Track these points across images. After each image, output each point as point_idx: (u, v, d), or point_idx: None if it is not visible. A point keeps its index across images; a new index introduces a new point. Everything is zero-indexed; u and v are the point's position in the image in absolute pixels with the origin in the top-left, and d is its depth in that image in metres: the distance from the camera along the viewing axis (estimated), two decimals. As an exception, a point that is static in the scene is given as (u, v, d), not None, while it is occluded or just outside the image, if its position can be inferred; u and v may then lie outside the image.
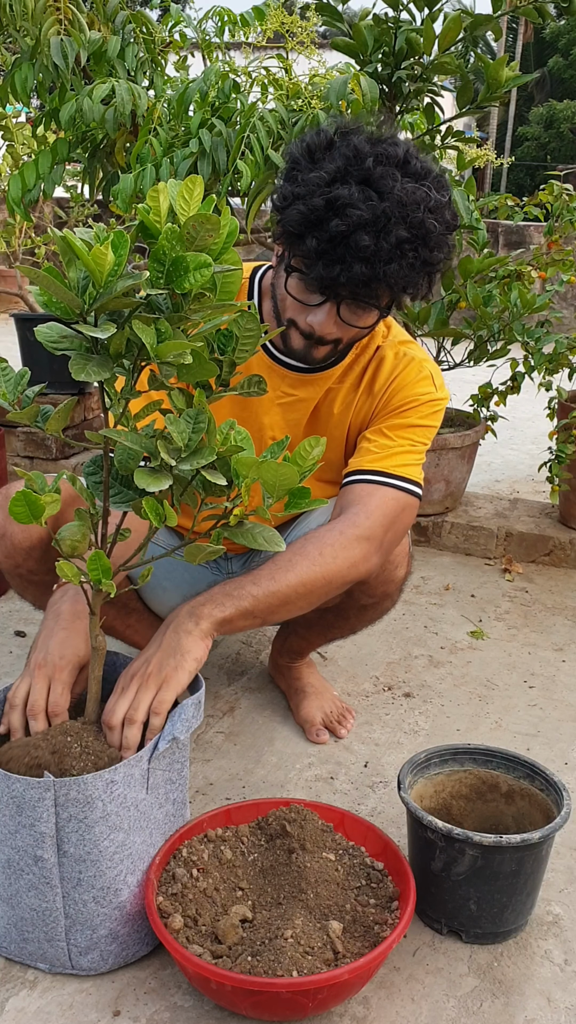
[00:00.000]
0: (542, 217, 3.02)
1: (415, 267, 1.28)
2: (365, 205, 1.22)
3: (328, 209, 1.24)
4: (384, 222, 1.23)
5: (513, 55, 19.59)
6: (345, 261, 1.24)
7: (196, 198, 0.92)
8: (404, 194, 1.24)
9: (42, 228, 4.87)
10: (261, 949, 1.12)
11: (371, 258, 1.24)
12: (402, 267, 1.26)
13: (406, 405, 1.50)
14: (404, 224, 1.24)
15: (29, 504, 1.02)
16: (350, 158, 1.26)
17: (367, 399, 1.53)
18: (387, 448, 1.48)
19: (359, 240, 1.22)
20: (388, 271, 1.25)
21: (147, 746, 1.17)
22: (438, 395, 1.51)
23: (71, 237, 0.90)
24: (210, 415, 1.02)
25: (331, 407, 1.55)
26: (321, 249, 1.25)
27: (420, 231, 1.26)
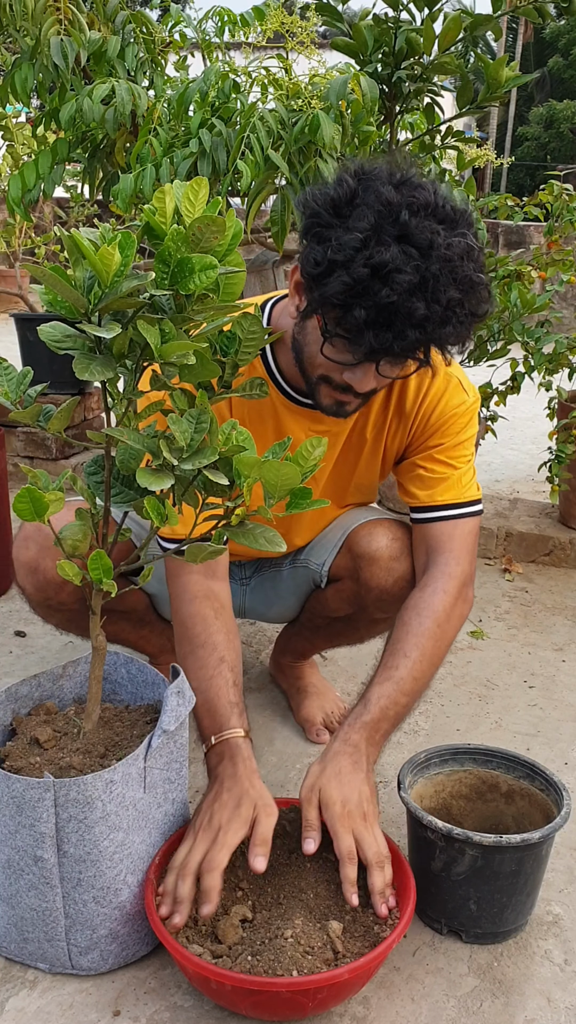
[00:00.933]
0: (542, 217, 3.02)
1: (466, 325, 1.22)
2: (411, 267, 1.14)
3: (374, 277, 1.14)
4: (434, 284, 1.15)
5: (513, 55, 19.60)
6: (395, 327, 1.16)
7: (201, 200, 0.93)
8: (448, 249, 1.16)
9: (42, 228, 4.87)
10: (261, 949, 1.12)
11: (423, 323, 1.17)
12: (455, 328, 1.20)
13: (446, 423, 1.46)
14: (454, 284, 1.16)
15: (33, 501, 1.02)
16: (381, 212, 1.16)
17: (399, 421, 1.48)
18: (448, 474, 1.46)
19: (412, 308, 1.15)
20: (442, 333, 1.19)
21: (142, 744, 1.17)
22: (471, 401, 1.48)
23: (79, 236, 0.90)
24: (213, 415, 1.02)
25: (363, 434, 1.50)
26: (371, 319, 1.17)
27: (468, 287, 1.19)
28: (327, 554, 1.63)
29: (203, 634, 1.36)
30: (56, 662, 1.98)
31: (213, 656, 1.34)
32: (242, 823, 1.19)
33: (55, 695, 1.36)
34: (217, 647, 1.35)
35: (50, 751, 1.21)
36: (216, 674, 1.33)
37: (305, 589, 1.71)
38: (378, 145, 2.40)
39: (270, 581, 1.74)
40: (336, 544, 1.61)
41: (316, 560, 1.65)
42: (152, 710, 1.31)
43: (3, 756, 1.21)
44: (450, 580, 1.41)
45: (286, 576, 1.72)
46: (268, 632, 2.25)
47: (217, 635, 1.36)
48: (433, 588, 1.41)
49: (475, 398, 1.49)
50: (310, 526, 1.63)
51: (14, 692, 1.31)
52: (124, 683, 1.39)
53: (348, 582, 1.59)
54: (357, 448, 1.53)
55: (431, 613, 1.38)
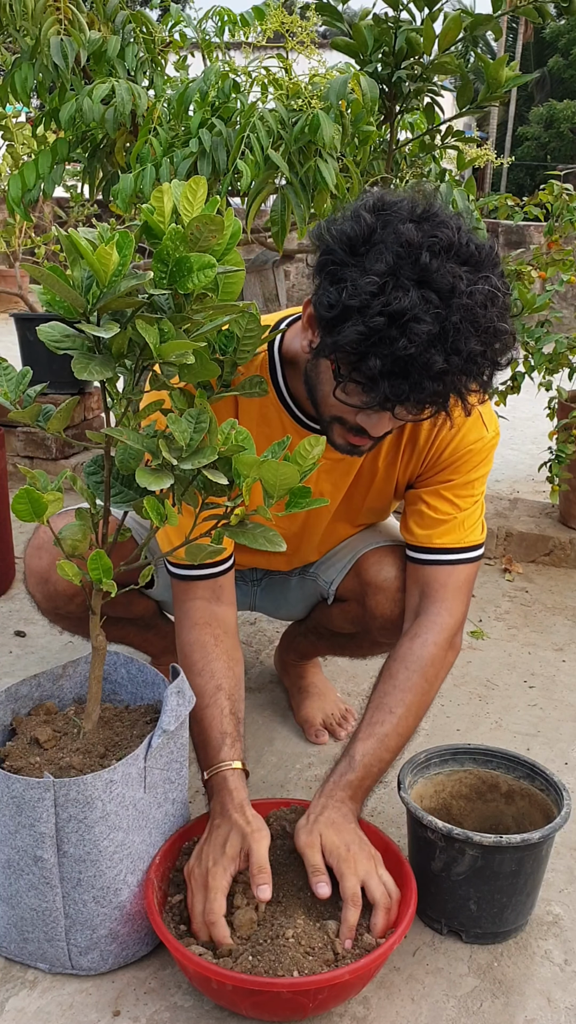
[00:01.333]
0: (542, 217, 3.02)
1: (486, 374, 1.16)
2: (431, 316, 1.07)
3: (390, 326, 1.07)
4: (455, 335, 1.08)
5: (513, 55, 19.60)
6: (412, 379, 1.10)
7: (200, 199, 0.92)
8: (470, 297, 1.09)
9: (42, 228, 4.86)
10: (262, 949, 1.12)
11: (442, 374, 1.10)
12: (475, 379, 1.14)
13: (460, 459, 1.40)
14: (475, 335, 1.10)
15: (32, 502, 1.02)
16: (400, 253, 1.08)
17: (412, 452, 1.42)
18: (452, 515, 1.40)
19: (430, 360, 1.08)
20: (460, 383, 1.13)
21: (142, 744, 1.17)
22: (489, 437, 1.40)
23: (76, 236, 0.90)
24: (212, 415, 1.02)
25: (375, 463, 1.45)
26: (386, 370, 1.10)
27: (491, 336, 1.12)
28: (336, 574, 1.61)
29: (201, 662, 1.35)
30: (56, 662, 1.98)
31: (210, 684, 1.33)
32: (229, 861, 1.18)
33: (55, 695, 1.36)
34: (215, 675, 1.34)
35: (50, 751, 1.21)
36: (212, 703, 1.32)
37: (313, 598, 1.72)
38: (378, 145, 2.40)
39: (279, 585, 1.74)
40: (345, 566, 1.59)
41: (325, 577, 1.64)
42: (152, 710, 1.31)
43: (3, 756, 1.21)
44: (440, 632, 1.38)
45: (295, 584, 1.72)
46: (268, 632, 2.25)
47: (216, 663, 1.34)
48: (423, 640, 1.37)
49: (494, 434, 1.42)
50: (321, 544, 1.61)
51: (14, 692, 1.31)
52: (124, 683, 1.39)
53: (354, 605, 1.58)
54: (369, 477, 1.48)
55: (419, 667, 1.35)
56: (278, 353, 1.37)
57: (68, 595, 1.49)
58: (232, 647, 1.39)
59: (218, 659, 1.35)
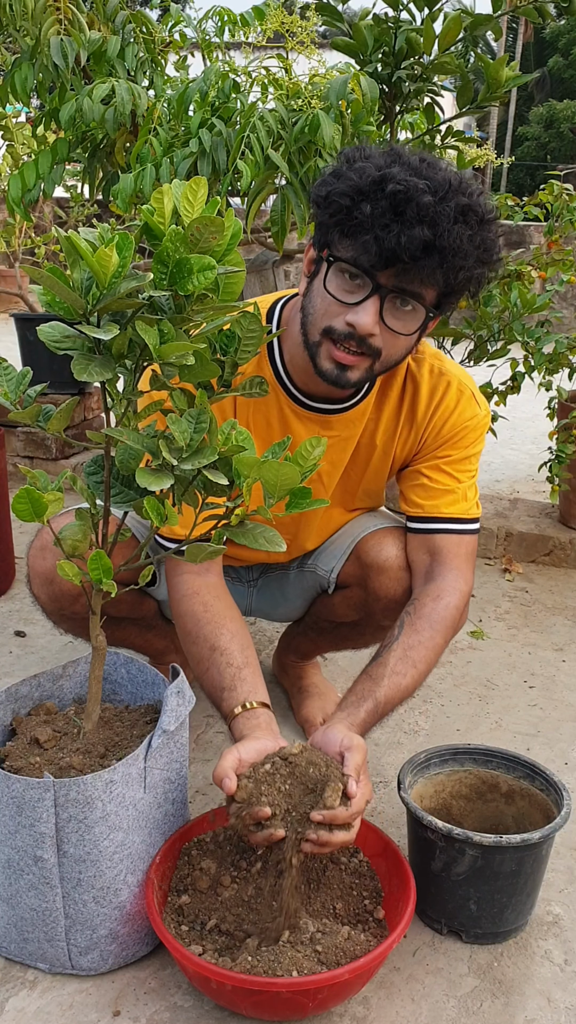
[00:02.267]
0: (542, 217, 3.03)
1: (474, 240, 1.20)
2: (419, 179, 1.17)
3: (382, 179, 1.17)
4: (444, 190, 1.18)
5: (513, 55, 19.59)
6: (405, 223, 1.16)
7: (200, 200, 0.92)
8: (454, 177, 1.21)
9: (42, 228, 4.87)
10: (261, 949, 1.12)
11: (433, 219, 1.16)
12: (463, 234, 1.18)
13: (457, 435, 1.46)
14: (463, 194, 1.19)
15: (32, 502, 1.02)
16: (394, 155, 1.23)
17: (411, 429, 1.47)
18: (452, 487, 1.46)
19: (421, 199, 1.15)
20: (451, 233, 1.17)
21: (142, 744, 1.17)
22: (483, 414, 1.47)
23: (75, 238, 0.90)
24: (212, 415, 1.02)
25: (373, 439, 1.49)
26: (377, 214, 1.17)
27: (478, 205, 1.21)
28: (335, 561, 1.62)
29: (194, 630, 1.37)
30: (56, 662, 1.98)
31: (204, 648, 1.35)
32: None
33: (55, 695, 1.36)
34: (207, 638, 1.35)
35: (50, 751, 1.21)
36: (210, 664, 1.33)
37: (312, 593, 1.71)
38: (378, 145, 2.40)
39: (276, 583, 1.74)
40: (345, 551, 1.60)
41: (324, 566, 1.65)
42: (152, 710, 1.31)
43: (3, 756, 1.21)
44: (460, 596, 1.41)
45: (293, 579, 1.72)
46: (268, 632, 2.25)
47: (206, 627, 1.36)
48: (446, 603, 1.40)
49: (486, 412, 1.48)
50: (319, 531, 1.62)
51: (14, 692, 1.31)
52: (124, 683, 1.39)
53: (356, 589, 1.59)
54: (367, 454, 1.51)
55: (442, 628, 1.38)
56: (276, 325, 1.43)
57: (73, 595, 1.49)
58: (223, 607, 1.40)
59: (208, 623, 1.36)
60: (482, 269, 1.25)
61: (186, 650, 1.39)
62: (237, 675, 1.31)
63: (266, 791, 1.14)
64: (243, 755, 1.18)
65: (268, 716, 1.28)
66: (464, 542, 1.45)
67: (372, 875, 1.27)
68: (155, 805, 1.21)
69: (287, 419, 1.45)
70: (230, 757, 1.17)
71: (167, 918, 1.19)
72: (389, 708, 1.32)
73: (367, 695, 1.31)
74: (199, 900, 1.21)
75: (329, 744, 1.21)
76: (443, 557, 1.44)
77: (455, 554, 1.44)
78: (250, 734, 1.23)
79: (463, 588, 1.43)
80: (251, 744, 1.20)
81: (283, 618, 1.84)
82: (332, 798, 1.12)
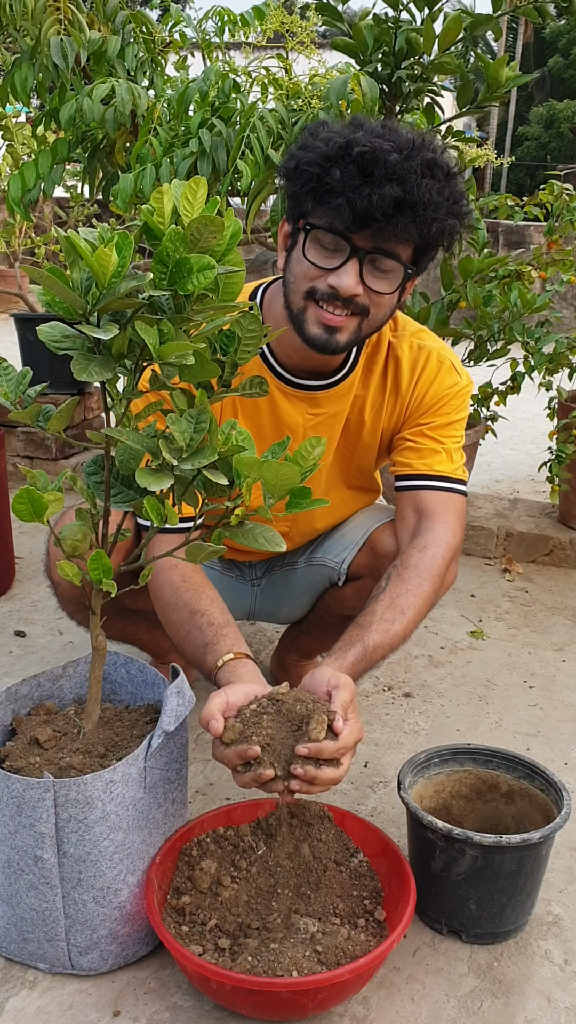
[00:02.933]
0: (542, 217, 3.03)
1: (443, 193, 1.24)
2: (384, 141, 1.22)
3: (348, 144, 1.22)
4: (408, 148, 1.22)
5: (513, 55, 19.59)
6: (375, 183, 1.20)
7: (200, 200, 0.92)
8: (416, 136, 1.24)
9: (42, 228, 4.86)
10: (261, 949, 1.12)
11: (402, 176, 1.20)
12: (432, 187, 1.22)
13: (440, 401, 1.49)
14: (428, 150, 1.23)
15: (32, 502, 1.02)
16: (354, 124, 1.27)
17: (395, 401, 1.51)
18: (439, 449, 1.48)
19: (387, 158, 1.19)
20: (420, 187, 1.20)
21: (142, 744, 1.17)
22: (464, 383, 1.51)
23: (75, 238, 0.90)
24: (212, 415, 1.02)
25: (361, 415, 1.53)
26: (347, 177, 1.21)
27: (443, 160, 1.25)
28: (347, 552, 1.63)
29: (172, 598, 1.38)
30: (56, 662, 1.98)
31: (184, 613, 1.36)
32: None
33: (55, 695, 1.36)
34: (187, 604, 1.36)
35: (50, 751, 1.21)
36: (191, 627, 1.34)
37: (319, 588, 1.71)
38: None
39: (282, 580, 1.74)
40: (357, 542, 1.62)
41: (334, 558, 1.65)
42: (152, 710, 1.31)
43: (3, 756, 1.21)
44: (447, 548, 1.43)
45: (300, 574, 1.72)
46: (268, 632, 2.25)
47: (186, 594, 1.37)
48: (433, 553, 1.41)
49: (467, 381, 1.51)
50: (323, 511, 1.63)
51: (14, 692, 1.31)
52: (124, 683, 1.39)
53: (368, 580, 1.60)
54: (357, 429, 1.55)
55: (429, 576, 1.39)
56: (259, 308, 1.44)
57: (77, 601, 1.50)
58: (201, 580, 1.41)
59: (187, 591, 1.37)
60: (453, 220, 1.29)
61: (165, 620, 1.40)
62: (219, 632, 1.32)
63: (254, 730, 1.13)
64: (230, 698, 1.18)
65: (253, 666, 1.28)
66: (452, 500, 1.47)
67: (372, 875, 1.27)
68: (155, 805, 1.21)
69: (274, 398, 1.48)
70: (217, 700, 1.17)
71: (167, 918, 1.19)
72: (378, 655, 1.33)
73: (355, 641, 1.31)
74: (199, 900, 1.22)
75: (317, 684, 1.22)
76: (430, 512, 1.46)
77: (443, 510, 1.46)
78: (237, 680, 1.23)
79: (451, 541, 1.44)
80: (238, 687, 1.20)
81: (286, 618, 1.84)
82: (317, 730, 1.11)
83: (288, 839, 1.29)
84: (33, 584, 2.49)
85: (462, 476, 1.50)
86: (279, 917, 1.19)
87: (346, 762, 1.14)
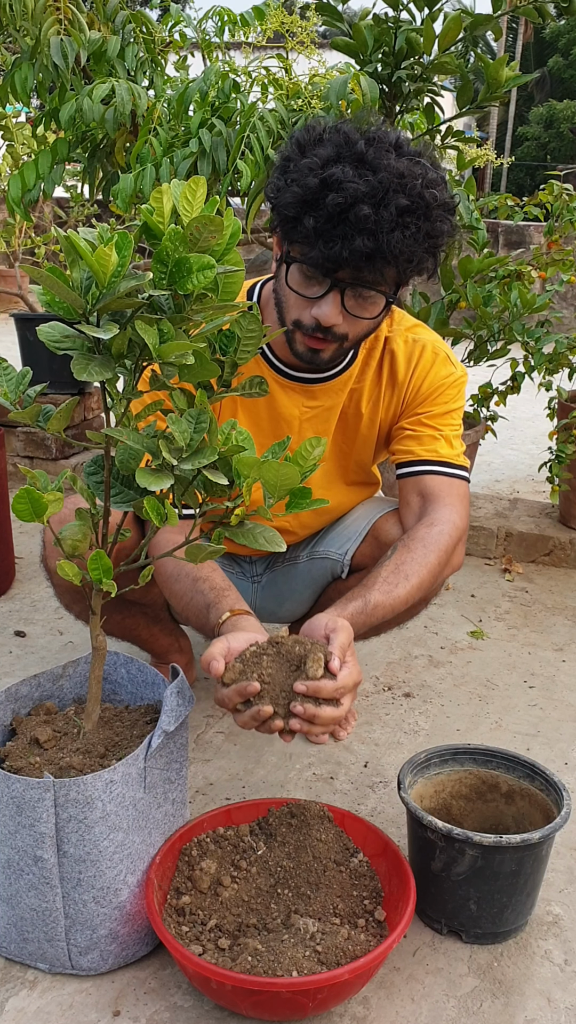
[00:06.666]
0: (542, 217, 3.03)
1: (418, 238, 1.25)
2: (361, 180, 1.21)
3: (323, 187, 1.22)
4: (382, 193, 1.21)
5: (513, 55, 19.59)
6: (346, 236, 1.21)
7: (199, 199, 0.92)
8: (401, 167, 1.23)
9: (42, 228, 4.86)
10: (261, 949, 1.12)
11: (373, 229, 1.21)
12: (405, 237, 1.23)
13: (436, 391, 1.51)
14: (403, 194, 1.22)
15: (32, 502, 1.02)
16: (341, 144, 1.26)
17: (392, 393, 1.53)
18: (438, 436, 1.50)
19: (359, 211, 1.20)
20: (391, 240, 1.21)
21: (142, 744, 1.17)
22: (459, 374, 1.53)
23: (75, 237, 0.90)
24: (212, 415, 1.02)
25: (358, 407, 1.54)
26: (320, 228, 1.23)
27: (420, 201, 1.24)
28: (350, 543, 1.64)
29: (175, 569, 1.40)
30: (56, 662, 1.98)
31: (186, 582, 1.38)
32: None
33: (55, 695, 1.36)
34: (189, 573, 1.38)
35: (50, 751, 1.21)
36: (194, 593, 1.36)
37: (322, 582, 1.71)
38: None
39: (283, 576, 1.74)
40: (360, 533, 1.63)
41: (337, 550, 1.66)
42: (152, 710, 1.31)
43: (3, 756, 1.21)
44: (454, 528, 1.43)
45: (302, 569, 1.72)
46: (269, 632, 2.25)
47: (187, 565, 1.38)
48: (440, 529, 1.42)
49: (462, 372, 1.53)
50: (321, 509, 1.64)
51: (14, 692, 1.31)
52: (124, 683, 1.39)
53: None
54: (355, 422, 1.56)
55: (436, 549, 1.40)
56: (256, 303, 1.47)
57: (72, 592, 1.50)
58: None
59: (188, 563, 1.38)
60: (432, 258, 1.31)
61: (169, 592, 1.42)
62: (221, 594, 1.34)
63: (254, 670, 1.15)
64: (232, 644, 1.20)
65: (255, 620, 1.30)
66: (455, 484, 1.48)
67: (372, 875, 1.27)
68: (155, 805, 1.21)
69: (271, 389, 1.49)
70: (219, 644, 1.19)
71: (167, 918, 1.19)
72: (378, 613, 1.34)
73: (357, 596, 1.33)
74: (199, 900, 1.22)
75: (315, 629, 1.24)
76: (435, 495, 1.47)
77: (447, 492, 1.47)
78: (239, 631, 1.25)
79: (457, 522, 1.44)
80: (239, 635, 1.22)
81: (288, 615, 1.83)
82: (314, 668, 1.13)
83: (288, 839, 1.29)
84: (33, 584, 2.49)
85: (463, 463, 1.51)
86: (279, 917, 1.19)
87: (346, 703, 1.16)
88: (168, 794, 1.24)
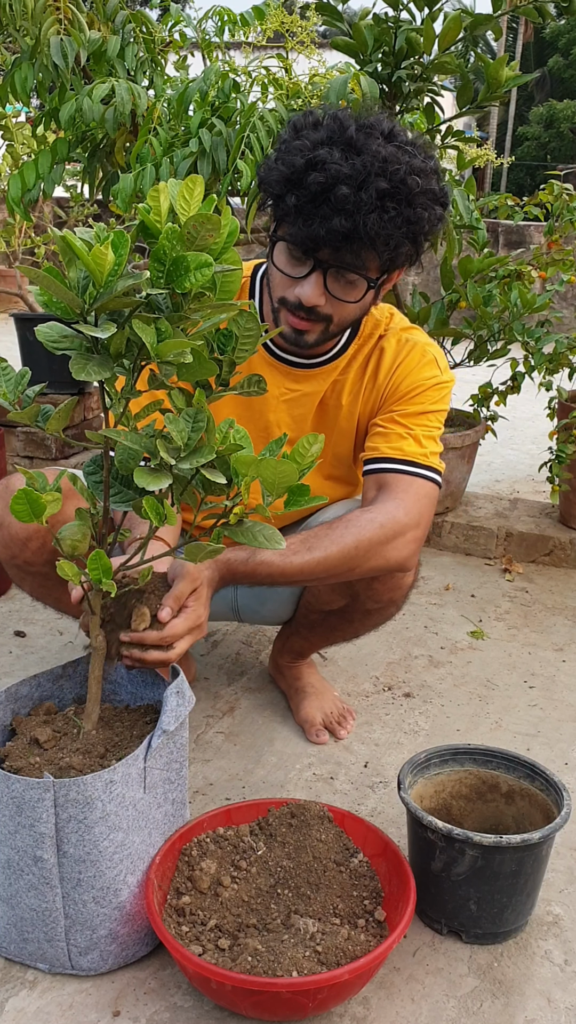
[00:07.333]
0: (542, 217, 3.02)
1: (396, 222, 1.26)
2: (346, 163, 1.23)
3: (308, 167, 1.25)
4: (364, 176, 1.23)
5: (513, 55, 19.59)
6: (325, 216, 1.24)
7: (196, 198, 0.92)
8: (386, 152, 1.25)
9: (42, 228, 4.87)
10: (261, 949, 1.12)
11: (351, 210, 1.23)
12: (382, 220, 1.24)
13: (414, 391, 1.50)
14: (384, 178, 1.24)
15: (30, 503, 1.02)
16: (334, 129, 1.28)
17: (373, 387, 1.53)
18: (406, 435, 1.48)
19: (338, 191, 1.22)
20: (368, 222, 1.23)
21: (142, 744, 1.17)
22: (444, 378, 1.52)
23: (71, 237, 0.90)
24: (209, 414, 1.02)
25: (339, 399, 1.55)
26: (300, 205, 1.26)
27: (401, 186, 1.25)
28: None
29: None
30: (56, 662, 1.98)
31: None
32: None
33: (55, 695, 1.36)
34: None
35: (50, 751, 1.21)
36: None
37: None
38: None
39: None
40: None
41: None
42: (152, 710, 1.31)
43: (3, 756, 1.21)
44: (391, 519, 1.40)
45: None
46: (268, 632, 2.25)
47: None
48: (372, 517, 1.40)
49: (448, 378, 1.52)
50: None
51: (14, 692, 1.31)
52: (124, 683, 1.39)
53: None
54: (334, 412, 1.56)
55: (356, 534, 1.38)
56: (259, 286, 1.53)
57: (22, 539, 1.43)
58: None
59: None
60: (413, 245, 1.32)
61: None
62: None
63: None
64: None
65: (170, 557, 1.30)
66: (415, 483, 1.45)
67: (372, 875, 1.27)
68: (155, 805, 1.21)
69: (253, 366, 1.50)
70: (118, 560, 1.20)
71: (167, 918, 1.19)
72: (263, 571, 1.33)
73: (246, 548, 1.32)
74: (199, 900, 1.21)
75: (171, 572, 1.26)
76: (388, 489, 1.45)
77: (402, 489, 1.45)
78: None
79: (399, 516, 1.41)
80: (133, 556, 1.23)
81: (271, 617, 1.82)
82: (137, 622, 1.20)
83: (288, 839, 1.29)
84: (33, 584, 2.48)
85: (431, 463, 1.48)
86: (279, 917, 1.19)
87: (179, 645, 1.21)
88: (168, 794, 1.24)
